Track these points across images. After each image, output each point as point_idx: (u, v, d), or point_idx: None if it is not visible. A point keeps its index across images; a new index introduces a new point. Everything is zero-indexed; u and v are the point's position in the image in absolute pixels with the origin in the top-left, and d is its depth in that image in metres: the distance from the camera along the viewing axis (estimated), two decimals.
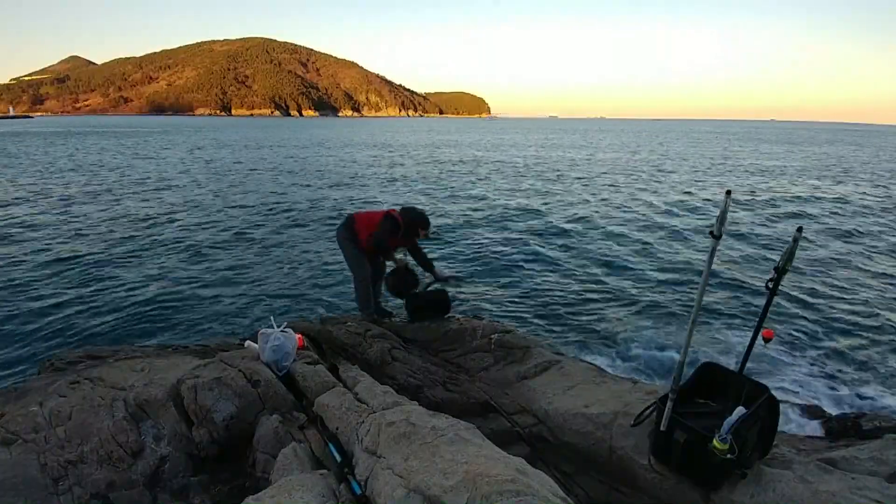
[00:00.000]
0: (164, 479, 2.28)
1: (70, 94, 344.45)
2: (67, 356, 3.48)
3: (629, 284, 7.72)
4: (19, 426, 2.37)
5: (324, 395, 2.50)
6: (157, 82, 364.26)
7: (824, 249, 9.82)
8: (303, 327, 3.66)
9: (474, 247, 9.83)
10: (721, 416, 1.99)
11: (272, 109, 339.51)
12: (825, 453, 2.34)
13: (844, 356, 5.45)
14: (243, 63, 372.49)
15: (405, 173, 22.33)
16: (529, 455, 2.53)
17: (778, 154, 37.07)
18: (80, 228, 10.80)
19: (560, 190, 17.83)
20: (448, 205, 14.44)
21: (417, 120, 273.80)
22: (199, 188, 17.11)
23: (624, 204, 14.93)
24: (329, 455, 2.11)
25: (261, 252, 9.26)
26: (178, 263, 8.52)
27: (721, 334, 5.91)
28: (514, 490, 1.41)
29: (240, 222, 11.82)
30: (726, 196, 1.73)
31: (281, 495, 1.68)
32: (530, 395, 3.04)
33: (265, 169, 23.64)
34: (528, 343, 3.68)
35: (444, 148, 23.44)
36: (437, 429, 1.85)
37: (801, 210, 14.10)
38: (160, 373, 2.94)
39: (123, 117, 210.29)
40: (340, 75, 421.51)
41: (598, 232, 11.23)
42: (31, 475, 2.09)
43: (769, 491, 1.90)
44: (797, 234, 1.93)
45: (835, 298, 7.17)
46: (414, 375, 3.14)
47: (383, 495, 1.60)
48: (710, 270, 1.87)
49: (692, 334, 1.96)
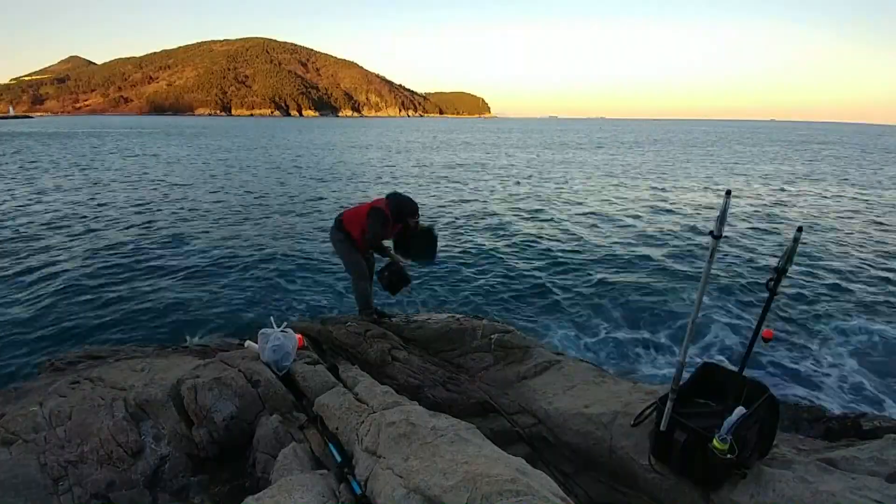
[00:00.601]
0: (164, 479, 2.27)
1: (70, 94, 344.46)
2: (67, 356, 3.48)
3: (629, 284, 7.71)
4: (19, 426, 2.37)
5: (324, 395, 2.50)
6: (157, 82, 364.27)
7: (824, 249, 9.82)
8: (303, 327, 3.66)
9: (475, 246, 9.83)
10: (721, 416, 1.99)
11: (272, 109, 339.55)
12: (825, 453, 2.34)
13: (844, 356, 5.45)
14: (243, 63, 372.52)
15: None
16: (529, 455, 2.53)
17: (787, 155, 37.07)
18: (80, 229, 10.80)
19: (561, 189, 17.84)
20: (452, 206, 14.44)
21: (417, 120, 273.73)
22: (199, 189, 17.10)
23: (625, 205, 14.93)
24: (329, 455, 2.11)
25: (261, 252, 9.26)
26: (179, 263, 8.51)
27: (721, 334, 5.91)
28: (514, 490, 1.41)
29: (240, 222, 11.82)
30: (726, 196, 1.73)
31: (281, 495, 1.68)
32: (530, 395, 3.04)
33: (265, 170, 23.65)
34: (528, 343, 3.68)
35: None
36: (437, 429, 1.85)
37: (801, 210, 14.11)
38: (160, 373, 2.94)
39: (124, 117, 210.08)
40: (340, 75, 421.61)
41: (598, 232, 11.23)
42: (31, 475, 2.09)
43: (769, 491, 1.89)
44: (797, 234, 1.93)
45: (835, 298, 7.17)
46: (414, 375, 3.14)
47: (383, 495, 1.60)
48: (710, 270, 1.87)
49: (692, 334, 1.96)
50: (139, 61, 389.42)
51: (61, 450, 2.24)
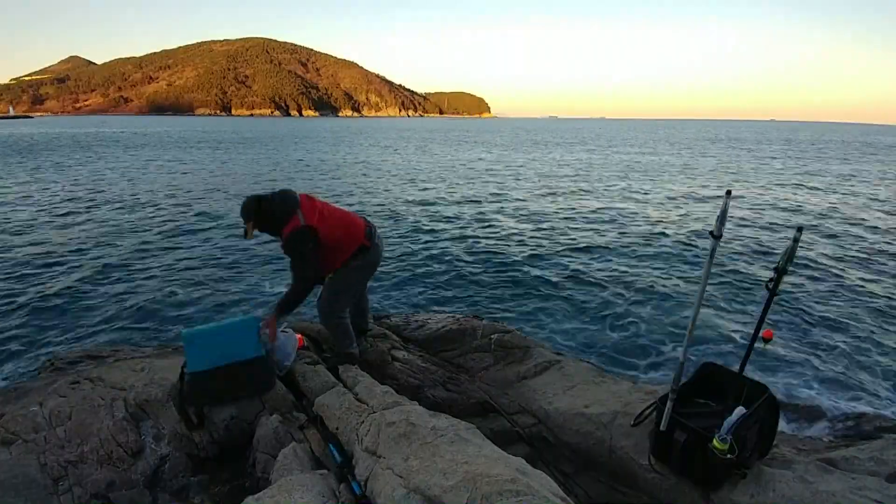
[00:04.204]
0: (164, 479, 2.28)
1: (70, 94, 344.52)
2: (67, 356, 3.48)
3: (629, 284, 7.71)
4: (19, 426, 2.37)
5: (324, 395, 2.51)
6: (157, 82, 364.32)
7: (824, 249, 9.82)
8: (303, 327, 3.66)
9: (475, 246, 9.83)
10: (721, 416, 1.99)
11: (272, 109, 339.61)
12: (825, 453, 2.34)
13: (845, 356, 5.44)
14: (243, 63, 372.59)
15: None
16: (529, 455, 2.53)
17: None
18: (81, 229, 10.80)
19: (563, 191, 17.84)
20: (453, 206, 14.44)
21: (417, 120, 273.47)
22: (198, 190, 17.10)
23: (625, 205, 14.93)
24: (329, 455, 2.11)
25: (261, 252, 9.26)
26: (179, 264, 8.52)
27: (721, 334, 5.91)
28: (514, 490, 1.41)
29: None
30: (726, 196, 1.73)
31: (281, 495, 1.68)
32: (530, 395, 3.04)
33: (266, 170, 23.66)
34: (528, 343, 3.68)
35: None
36: (437, 429, 1.85)
37: (801, 209, 14.11)
38: (160, 373, 2.93)
39: (124, 117, 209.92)
40: (340, 75, 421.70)
41: (598, 232, 11.23)
42: (31, 475, 2.09)
43: (769, 491, 1.90)
44: (797, 234, 1.93)
45: (835, 298, 7.17)
46: (414, 375, 3.14)
47: (383, 495, 1.61)
48: (710, 270, 1.87)
49: (692, 334, 1.96)
50: (139, 61, 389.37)
51: (61, 450, 2.24)
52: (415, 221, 12.05)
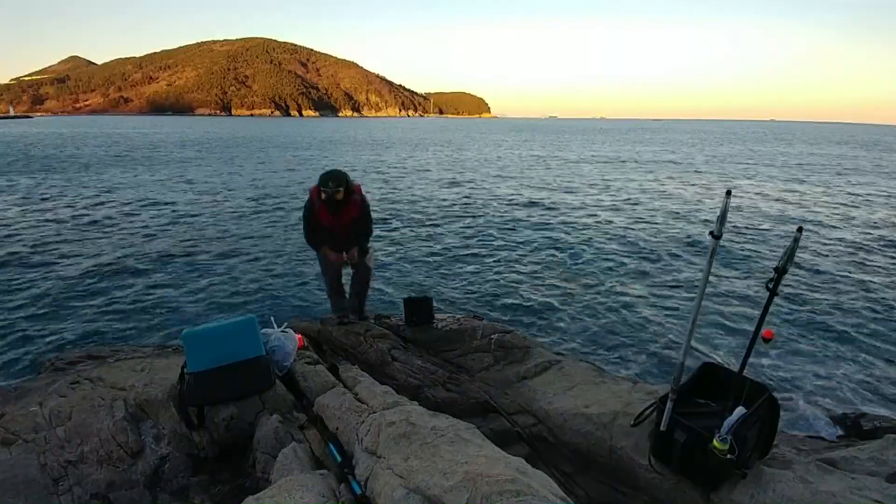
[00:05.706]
0: (164, 479, 2.28)
1: (70, 94, 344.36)
2: (67, 356, 3.48)
3: (629, 284, 7.72)
4: (19, 426, 2.37)
5: (324, 396, 2.51)
6: (157, 82, 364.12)
7: (824, 249, 9.82)
8: (303, 327, 3.67)
9: (475, 246, 9.83)
10: (721, 416, 1.99)
11: (272, 109, 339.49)
12: (825, 453, 2.34)
13: (845, 356, 5.44)
14: (243, 63, 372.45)
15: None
16: (529, 455, 2.53)
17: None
18: (80, 230, 10.80)
19: (565, 193, 17.84)
20: (453, 206, 14.44)
21: (417, 120, 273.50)
22: (198, 190, 17.11)
23: (625, 206, 14.93)
24: (329, 455, 2.11)
25: (261, 252, 9.26)
26: (179, 264, 8.51)
27: (721, 334, 5.91)
28: (514, 490, 1.41)
29: (240, 223, 11.82)
30: (726, 196, 1.73)
31: (281, 495, 1.68)
32: (530, 395, 3.04)
33: (266, 170, 23.66)
34: (528, 343, 3.68)
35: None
36: (437, 429, 1.85)
37: (801, 209, 14.10)
38: (160, 373, 2.94)
39: (125, 117, 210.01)
40: (340, 75, 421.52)
41: (598, 232, 11.23)
42: (31, 475, 2.09)
43: (769, 491, 1.89)
44: (797, 234, 1.93)
45: (835, 298, 7.17)
46: (414, 375, 3.14)
47: (383, 495, 1.60)
48: (710, 270, 1.87)
49: (692, 334, 1.96)
50: (139, 61, 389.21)
51: (61, 450, 2.24)
52: (415, 221, 12.06)
